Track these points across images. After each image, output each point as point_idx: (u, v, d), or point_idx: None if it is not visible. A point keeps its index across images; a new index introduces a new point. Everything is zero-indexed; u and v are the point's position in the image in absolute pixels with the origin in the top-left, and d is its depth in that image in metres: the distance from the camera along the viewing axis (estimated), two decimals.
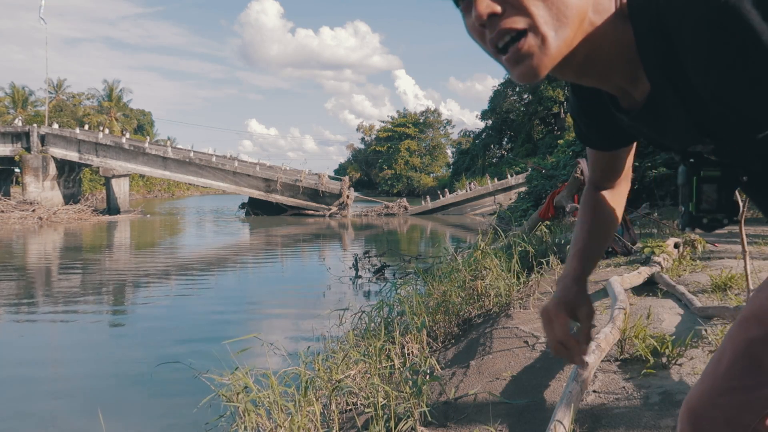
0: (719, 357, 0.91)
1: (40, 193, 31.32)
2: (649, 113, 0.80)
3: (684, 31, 0.67)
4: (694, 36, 0.66)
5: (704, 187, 0.87)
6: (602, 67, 0.78)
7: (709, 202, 0.88)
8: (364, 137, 76.34)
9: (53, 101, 56.14)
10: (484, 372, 3.08)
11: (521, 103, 45.92)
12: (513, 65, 0.74)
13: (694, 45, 0.67)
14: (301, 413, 2.69)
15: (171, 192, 67.78)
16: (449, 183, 47.17)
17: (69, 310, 9.82)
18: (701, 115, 0.74)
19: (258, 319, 9.16)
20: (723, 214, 0.89)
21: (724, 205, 0.88)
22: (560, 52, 0.73)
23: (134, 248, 20.29)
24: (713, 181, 0.87)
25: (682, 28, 0.67)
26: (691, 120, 0.76)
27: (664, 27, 0.69)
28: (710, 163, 0.86)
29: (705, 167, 0.86)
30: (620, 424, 2.21)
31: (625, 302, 3.34)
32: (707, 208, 0.88)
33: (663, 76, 0.73)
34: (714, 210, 0.88)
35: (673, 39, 0.69)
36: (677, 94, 0.74)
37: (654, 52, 0.72)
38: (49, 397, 5.72)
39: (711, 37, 0.65)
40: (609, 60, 0.77)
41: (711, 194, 0.87)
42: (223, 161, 33.40)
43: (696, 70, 0.69)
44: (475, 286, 4.73)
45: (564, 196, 7.76)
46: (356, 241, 21.90)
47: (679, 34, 0.68)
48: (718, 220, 0.90)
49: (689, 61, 0.69)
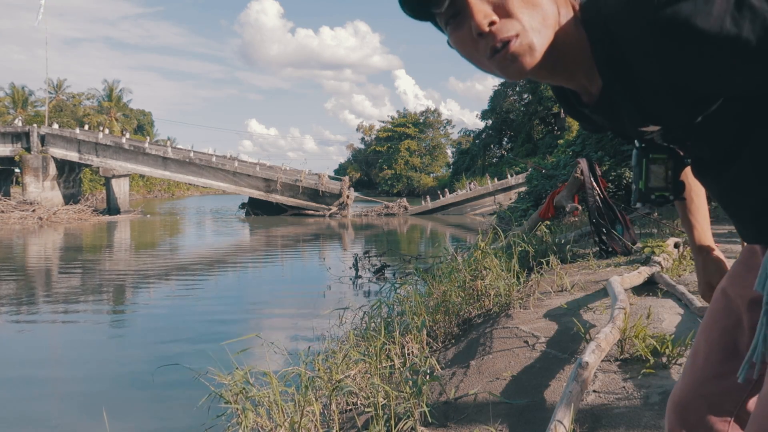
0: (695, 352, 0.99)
1: (40, 193, 31.32)
2: (603, 105, 0.91)
3: (629, 39, 0.78)
4: (639, 43, 0.77)
5: (652, 168, 1.00)
6: (569, 66, 0.89)
7: (657, 181, 1.01)
8: (364, 137, 76.36)
9: (53, 101, 56.14)
10: (484, 372, 3.08)
11: (521, 103, 45.92)
12: (504, 65, 0.85)
13: (640, 49, 0.77)
14: (301, 413, 2.69)
15: (171, 192, 67.78)
16: (449, 183, 47.16)
17: (69, 310, 9.82)
18: (645, 105, 0.85)
19: (258, 319, 9.16)
20: (669, 191, 1.02)
21: (671, 183, 1.01)
22: (542, 53, 0.85)
23: (134, 248, 20.29)
24: (660, 162, 1.00)
25: (626, 36, 0.78)
26: (636, 110, 0.87)
27: (611, 34, 0.80)
28: (658, 148, 0.99)
29: (653, 151, 1.00)
30: (620, 424, 2.21)
31: (625, 302, 3.34)
32: (655, 186, 1.01)
33: (612, 74, 0.84)
34: (661, 188, 1.01)
35: (619, 43, 0.80)
36: (624, 88, 0.85)
37: (604, 54, 0.83)
38: (49, 397, 5.72)
39: (653, 42, 0.75)
40: (573, 60, 0.88)
41: (659, 174, 1.00)
42: (223, 161, 33.39)
43: (644, 69, 0.79)
44: (475, 286, 4.73)
45: (564, 196, 7.76)
46: (356, 241, 21.90)
47: (624, 40, 0.79)
48: (664, 197, 1.03)
49: (636, 62, 0.79)
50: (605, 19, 0.81)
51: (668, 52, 0.75)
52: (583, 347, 2.98)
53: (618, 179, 12.48)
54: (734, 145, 0.86)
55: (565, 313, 3.90)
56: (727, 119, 0.83)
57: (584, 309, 3.98)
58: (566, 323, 3.64)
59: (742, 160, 0.86)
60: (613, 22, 0.79)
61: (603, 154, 13.67)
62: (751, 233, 0.94)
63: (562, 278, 4.91)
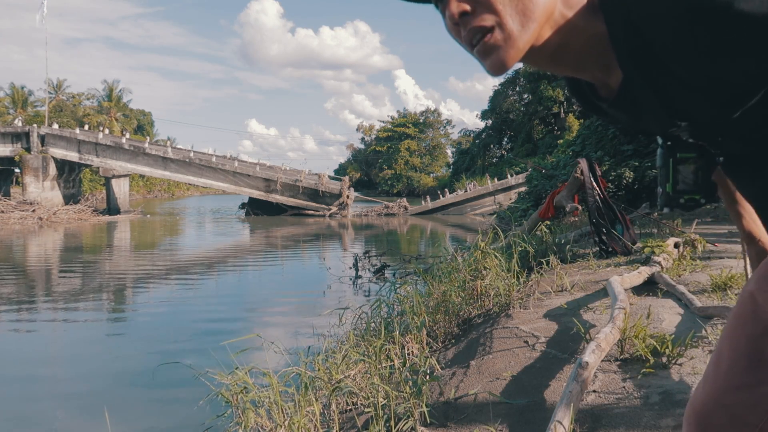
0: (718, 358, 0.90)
1: (40, 193, 31.32)
2: (623, 100, 0.83)
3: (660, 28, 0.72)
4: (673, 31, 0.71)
5: (680, 168, 0.91)
6: (575, 57, 0.83)
7: (685, 183, 0.91)
8: (364, 137, 76.35)
9: (53, 101, 56.14)
10: (484, 372, 3.08)
11: (521, 103, 45.91)
12: (483, 57, 0.81)
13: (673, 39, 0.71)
14: (301, 413, 2.69)
15: (171, 192, 67.77)
16: (449, 183, 47.15)
17: (69, 311, 9.82)
18: (673, 101, 0.78)
19: (258, 319, 9.16)
20: (700, 194, 0.92)
21: (701, 185, 0.91)
22: (526, 44, 0.79)
23: (134, 249, 20.29)
24: (689, 162, 0.90)
25: (656, 25, 0.72)
26: (661, 105, 0.80)
27: (635, 23, 0.74)
28: (687, 146, 0.90)
29: (681, 149, 0.90)
30: (620, 424, 2.21)
31: (625, 302, 3.34)
32: (684, 189, 0.92)
33: (635, 67, 0.77)
34: (691, 190, 0.92)
35: (645, 33, 0.73)
36: (648, 82, 0.78)
37: (626, 43, 0.76)
38: (50, 397, 5.72)
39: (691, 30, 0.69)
40: (581, 50, 0.81)
41: (687, 175, 0.91)
42: (223, 161, 33.40)
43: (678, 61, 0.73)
44: (475, 286, 4.73)
45: (564, 196, 7.76)
46: (356, 241, 21.90)
47: (652, 29, 0.72)
48: (695, 200, 0.93)
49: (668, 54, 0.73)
50: (629, 6, 0.75)
51: (707, 40, 0.69)
52: (583, 347, 2.98)
53: (618, 179, 12.48)
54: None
55: (565, 313, 3.90)
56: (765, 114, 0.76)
57: (584, 309, 3.98)
58: (566, 323, 3.64)
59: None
60: (641, 9, 0.73)
61: (603, 154, 13.67)
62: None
63: (562, 278, 4.91)
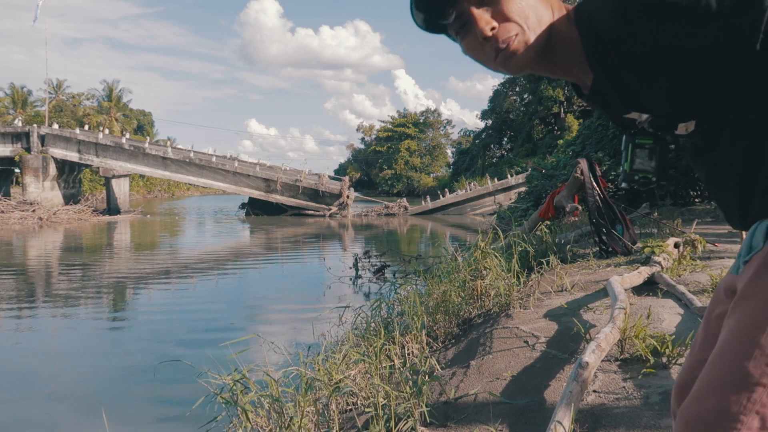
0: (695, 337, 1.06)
1: (40, 193, 31.32)
2: (596, 96, 1.01)
3: (607, 24, 0.89)
4: (614, 25, 0.87)
5: (638, 152, 1.07)
6: (565, 61, 1.01)
7: (641, 164, 1.07)
8: (364, 137, 76.37)
9: (53, 101, 56.13)
10: (484, 372, 3.08)
11: (521, 103, 45.92)
12: (505, 62, 1.00)
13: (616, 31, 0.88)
14: (301, 413, 2.69)
15: (171, 192, 67.77)
16: (449, 183, 47.15)
17: (69, 311, 9.82)
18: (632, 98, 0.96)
19: (258, 319, 9.16)
20: (653, 174, 1.08)
21: (655, 167, 1.07)
22: (538, 49, 0.98)
23: (134, 249, 20.29)
24: (646, 147, 1.06)
25: (605, 22, 0.89)
26: (622, 102, 0.98)
27: (596, 27, 0.91)
28: (646, 133, 1.05)
29: (640, 136, 1.06)
30: (620, 424, 2.20)
31: (625, 302, 3.34)
32: (639, 169, 1.08)
33: (600, 68, 0.95)
34: (645, 171, 1.08)
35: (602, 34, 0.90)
36: (609, 79, 0.95)
37: (592, 48, 0.94)
38: (50, 397, 5.71)
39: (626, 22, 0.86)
40: (568, 56, 0.99)
41: (643, 158, 1.07)
42: (223, 161, 33.40)
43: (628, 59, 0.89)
44: (475, 286, 4.72)
45: (564, 196, 7.75)
46: (356, 241, 21.90)
47: (605, 28, 0.90)
48: (648, 179, 1.08)
49: (615, 45, 0.89)
50: (591, 13, 0.93)
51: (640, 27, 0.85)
52: (583, 347, 2.98)
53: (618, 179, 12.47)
54: (715, 127, 0.92)
55: (565, 313, 3.90)
56: (711, 102, 0.90)
57: (584, 309, 3.98)
58: (566, 323, 3.64)
59: (722, 142, 0.92)
60: (599, 15, 0.90)
61: (603, 154, 13.67)
62: (736, 217, 0.98)
63: (562, 278, 4.91)
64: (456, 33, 1.03)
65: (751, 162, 0.89)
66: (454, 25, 1.01)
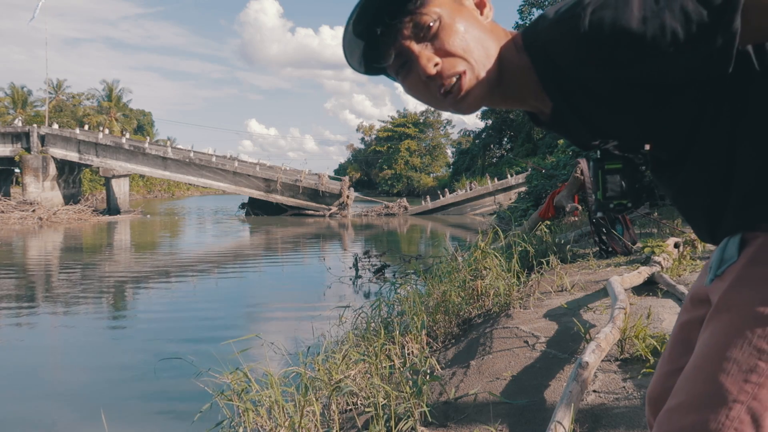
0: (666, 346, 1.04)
1: (40, 193, 31.31)
2: (557, 124, 0.97)
3: (568, 58, 0.82)
4: (577, 59, 0.81)
5: (608, 178, 1.02)
6: (520, 91, 0.95)
7: (613, 190, 1.03)
8: (364, 137, 76.34)
9: (53, 101, 56.12)
10: (484, 372, 3.08)
11: None
12: (457, 102, 0.92)
13: (579, 64, 0.81)
14: (301, 413, 2.69)
15: (171, 192, 67.75)
16: (449, 183, 47.13)
17: (69, 311, 9.82)
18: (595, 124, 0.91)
19: (258, 319, 9.16)
20: (627, 199, 1.03)
21: (627, 191, 1.03)
22: (491, 84, 0.91)
23: (134, 249, 20.28)
24: (616, 172, 1.02)
25: (565, 56, 0.82)
26: (586, 129, 0.93)
27: (552, 58, 0.85)
28: (613, 157, 1.01)
29: (608, 161, 1.01)
30: (620, 423, 2.21)
31: (625, 302, 3.34)
32: (612, 195, 1.03)
33: (559, 96, 0.89)
34: (618, 196, 1.03)
35: (561, 65, 0.84)
36: (570, 108, 0.90)
37: (550, 78, 0.88)
38: (50, 397, 5.71)
39: (588, 54, 0.79)
40: (522, 85, 0.93)
41: (615, 183, 1.02)
42: (223, 161, 33.38)
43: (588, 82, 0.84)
44: (475, 286, 4.72)
45: (564, 196, 7.75)
46: (356, 241, 21.90)
47: (564, 60, 0.83)
48: (623, 205, 1.04)
49: (579, 78, 0.84)
50: (543, 45, 0.86)
51: (603, 59, 0.79)
52: (583, 347, 2.98)
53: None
54: (684, 148, 0.89)
55: (565, 313, 3.90)
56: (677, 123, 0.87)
57: (584, 309, 3.98)
58: (566, 323, 3.64)
59: (690, 161, 0.90)
60: (551, 46, 0.84)
61: None
62: (705, 234, 0.98)
63: (562, 278, 4.91)
64: (396, 73, 0.95)
65: (721, 181, 0.87)
66: (394, 65, 0.94)
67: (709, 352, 0.88)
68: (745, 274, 0.89)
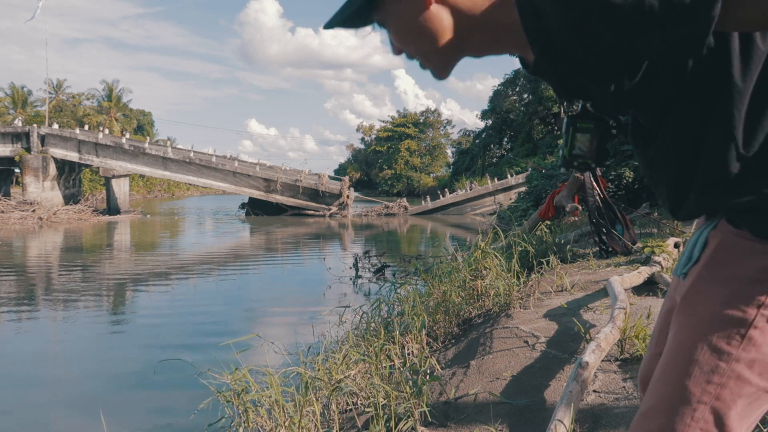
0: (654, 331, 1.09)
1: (40, 193, 31.31)
2: (539, 73, 0.95)
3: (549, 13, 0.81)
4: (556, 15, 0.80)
5: (578, 136, 1.02)
6: (493, 43, 0.94)
7: (580, 149, 1.03)
8: (364, 137, 76.32)
9: (53, 101, 56.11)
10: (484, 372, 3.08)
11: (521, 103, 45.87)
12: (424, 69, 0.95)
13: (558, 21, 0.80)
14: (301, 413, 2.69)
15: (171, 192, 67.74)
16: (449, 183, 47.13)
17: (69, 311, 9.82)
18: (568, 82, 0.90)
19: (258, 319, 9.16)
20: (591, 159, 1.03)
21: (594, 152, 1.02)
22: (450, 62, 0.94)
23: (134, 249, 20.28)
24: (586, 131, 1.01)
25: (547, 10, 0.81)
26: (560, 85, 0.92)
27: (537, 11, 0.83)
28: (587, 116, 1.01)
29: (582, 119, 1.01)
30: (620, 423, 2.21)
31: (625, 302, 3.34)
32: (578, 154, 1.03)
33: (539, 51, 0.88)
34: (583, 155, 1.03)
35: (543, 20, 0.83)
36: (549, 65, 0.88)
37: (533, 31, 0.86)
38: (50, 397, 5.72)
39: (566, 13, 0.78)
40: (498, 37, 0.92)
41: (584, 142, 1.02)
42: (223, 161, 33.38)
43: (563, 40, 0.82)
44: (475, 286, 4.72)
45: (564, 196, 7.75)
46: (356, 241, 21.90)
47: (546, 15, 0.81)
48: (587, 164, 1.04)
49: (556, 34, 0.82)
50: None
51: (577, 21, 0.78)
52: (583, 347, 2.98)
53: (618, 179, 12.47)
54: (659, 117, 0.89)
55: (565, 313, 3.90)
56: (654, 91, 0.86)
57: (584, 309, 3.98)
58: (566, 323, 3.64)
59: (664, 132, 0.89)
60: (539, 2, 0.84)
61: None
62: (667, 209, 0.98)
63: (562, 278, 4.91)
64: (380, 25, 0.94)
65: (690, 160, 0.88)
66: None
67: (674, 354, 0.92)
68: (705, 274, 0.92)
